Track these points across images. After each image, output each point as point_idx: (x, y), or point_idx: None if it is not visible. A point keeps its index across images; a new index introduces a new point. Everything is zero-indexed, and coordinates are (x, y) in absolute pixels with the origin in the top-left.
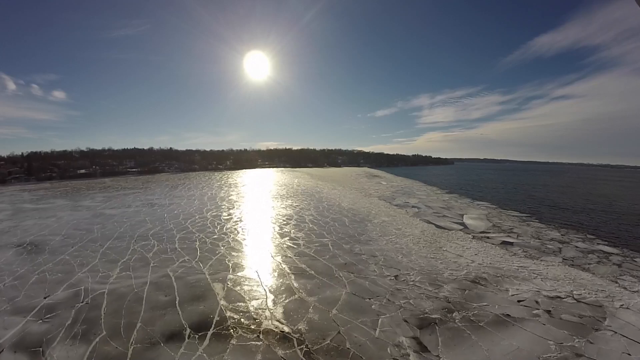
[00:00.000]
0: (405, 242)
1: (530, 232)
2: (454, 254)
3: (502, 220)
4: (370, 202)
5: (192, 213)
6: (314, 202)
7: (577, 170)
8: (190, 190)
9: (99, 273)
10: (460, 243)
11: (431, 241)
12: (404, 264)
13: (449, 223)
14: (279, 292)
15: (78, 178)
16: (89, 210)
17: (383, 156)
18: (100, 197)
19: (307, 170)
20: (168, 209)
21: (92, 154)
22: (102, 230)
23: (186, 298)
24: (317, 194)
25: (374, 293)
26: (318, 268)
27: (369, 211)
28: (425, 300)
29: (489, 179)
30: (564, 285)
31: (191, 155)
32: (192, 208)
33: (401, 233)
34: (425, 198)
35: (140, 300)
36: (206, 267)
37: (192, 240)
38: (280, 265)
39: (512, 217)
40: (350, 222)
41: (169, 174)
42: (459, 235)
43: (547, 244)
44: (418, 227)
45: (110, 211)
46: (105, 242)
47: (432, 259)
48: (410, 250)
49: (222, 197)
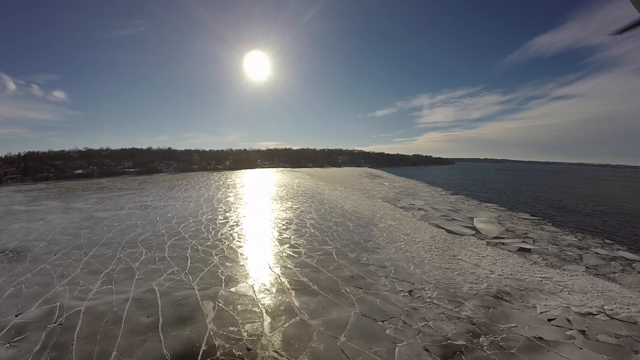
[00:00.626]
0: (415, 249)
1: (546, 237)
2: (470, 263)
3: (514, 224)
4: (374, 205)
5: (186, 216)
6: (315, 205)
7: (578, 170)
8: (187, 192)
9: (79, 286)
10: (475, 250)
11: (443, 248)
12: (417, 276)
13: (459, 227)
14: (277, 313)
15: (75, 178)
16: (79, 213)
17: (384, 156)
18: (93, 199)
19: (307, 171)
20: (162, 211)
21: (89, 154)
22: (89, 235)
23: (171, 320)
24: (318, 195)
25: (387, 314)
26: (322, 282)
27: (373, 214)
28: (447, 322)
29: (492, 179)
30: (593, 299)
31: (190, 155)
32: (186, 211)
33: (410, 239)
34: (430, 200)
35: (119, 321)
36: (196, 281)
37: (183, 248)
38: (279, 279)
39: (523, 220)
40: (354, 226)
41: (167, 174)
42: (472, 242)
43: (565, 250)
44: (427, 232)
45: (102, 214)
46: (91, 249)
47: (448, 270)
48: (423, 259)
49: (219, 198)
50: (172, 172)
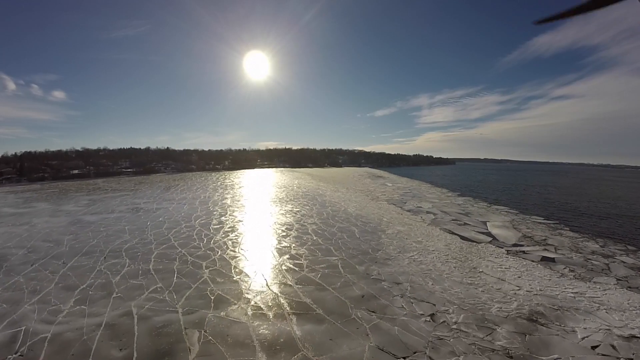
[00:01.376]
0: (431, 260)
1: (567, 244)
2: (493, 276)
3: (530, 229)
4: (379, 207)
5: (178, 221)
6: (317, 207)
7: (579, 170)
8: (183, 193)
9: (50, 305)
10: (496, 261)
11: (461, 258)
12: (437, 294)
13: (474, 233)
14: (275, 346)
15: (71, 179)
16: (67, 216)
17: (384, 156)
18: (85, 200)
19: (307, 171)
20: (153, 215)
21: (86, 154)
22: (72, 242)
23: (147, 355)
24: (320, 197)
25: (408, 347)
26: (328, 304)
27: (380, 218)
28: (480, 357)
29: (496, 180)
30: (634, 318)
31: (188, 155)
32: (179, 214)
33: (423, 248)
34: (437, 202)
35: (86, 354)
36: (181, 302)
37: (171, 259)
38: (277, 299)
39: (538, 224)
40: (360, 232)
41: (165, 174)
42: (490, 250)
43: (590, 259)
44: (441, 239)
45: (90, 217)
46: (71, 259)
47: (470, 286)
48: (441, 273)
49: (215, 200)
50: (170, 172)
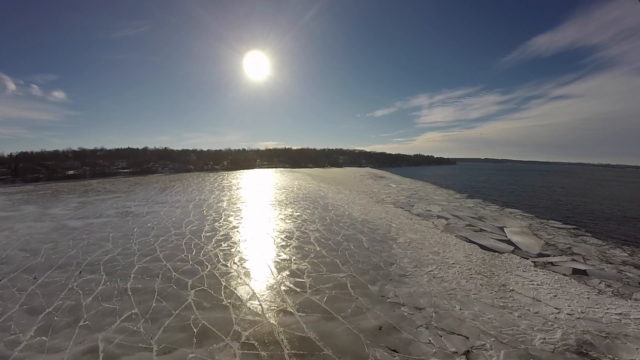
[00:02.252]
0: (453, 276)
1: (594, 253)
2: (527, 296)
3: (551, 236)
4: (386, 211)
5: (168, 227)
6: (319, 211)
7: (581, 170)
8: (177, 195)
9: (8, 334)
10: (525, 275)
11: (486, 273)
12: (468, 322)
13: (493, 241)
14: None
15: (66, 179)
16: (52, 221)
17: (385, 156)
18: (74, 203)
19: (307, 171)
20: (142, 220)
21: (83, 154)
22: (50, 251)
23: None
24: (321, 199)
25: None
26: (338, 340)
27: (388, 224)
28: None
29: (500, 180)
30: None
31: (187, 155)
32: (170, 219)
33: (442, 260)
34: (446, 204)
35: None
36: (157, 335)
37: (153, 275)
38: (274, 334)
39: (558, 230)
40: (369, 241)
41: (162, 175)
42: (516, 262)
43: (623, 271)
44: (459, 248)
45: (75, 223)
46: (44, 272)
47: (504, 310)
48: (467, 292)
49: (210, 204)
50: (167, 172)
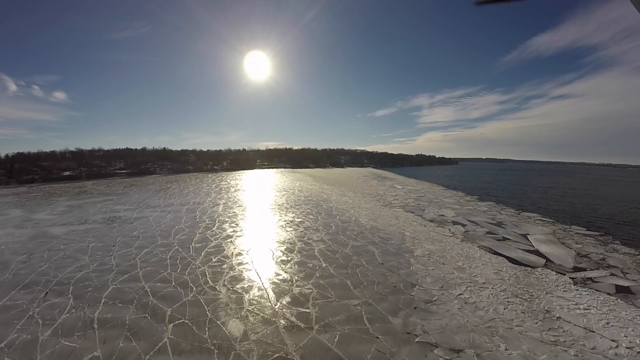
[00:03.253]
0: (488, 300)
1: (632, 265)
2: (577, 325)
3: (580, 245)
4: (396, 216)
5: (154, 236)
6: (323, 217)
7: (584, 170)
8: (171, 198)
9: None
10: (568, 297)
11: (525, 295)
12: None
13: (521, 253)
14: None
15: (61, 180)
16: (34, 228)
17: (387, 156)
18: (62, 207)
19: (308, 172)
20: (129, 227)
21: (80, 154)
22: (21, 265)
23: None
24: (325, 202)
25: None
26: None
27: (401, 233)
28: None
29: (506, 181)
30: None
31: (186, 156)
32: (158, 227)
33: (470, 279)
34: (459, 208)
35: None
36: None
37: (126, 301)
38: None
39: (584, 237)
40: (382, 254)
41: (159, 175)
42: (552, 279)
43: None
44: (486, 263)
45: (57, 230)
46: (8, 292)
47: (557, 346)
48: (509, 324)
49: (205, 208)
50: (165, 173)
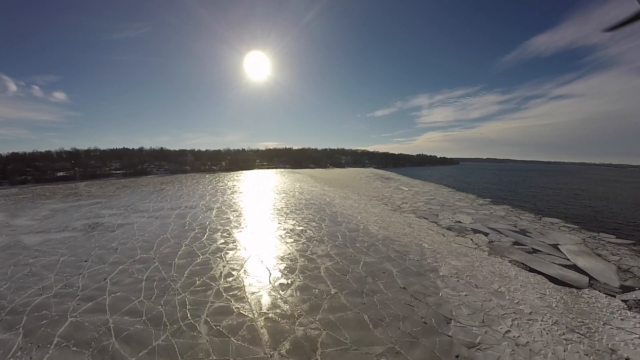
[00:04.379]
0: (541, 339)
1: None
2: None
3: (616, 256)
4: (408, 224)
5: (134, 249)
6: (327, 225)
7: (586, 170)
8: (163, 201)
9: None
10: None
11: (580, 329)
12: None
13: (559, 269)
14: None
15: (54, 181)
16: (9, 236)
17: (388, 156)
18: (46, 211)
19: (309, 172)
20: (109, 236)
21: (76, 154)
22: None
23: None
24: (328, 206)
25: None
26: None
27: (419, 245)
28: None
29: (512, 182)
30: None
31: (184, 156)
32: (141, 237)
33: (512, 307)
34: (474, 213)
35: None
36: None
37: (82, 343)
38: None
39: (617, 247)
40: (402, 275)
41: (155, 176)
42: (604, 304)
43: None
44: (524, 283)
45: (31, 239)
46: None
47: None
48: None
49: (196, 214)
50: (161, 174)
